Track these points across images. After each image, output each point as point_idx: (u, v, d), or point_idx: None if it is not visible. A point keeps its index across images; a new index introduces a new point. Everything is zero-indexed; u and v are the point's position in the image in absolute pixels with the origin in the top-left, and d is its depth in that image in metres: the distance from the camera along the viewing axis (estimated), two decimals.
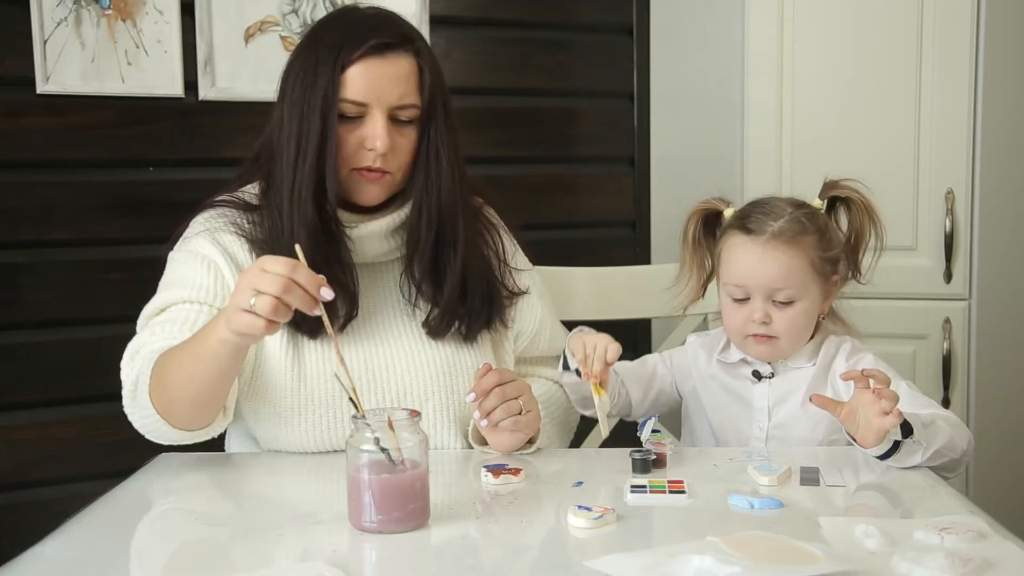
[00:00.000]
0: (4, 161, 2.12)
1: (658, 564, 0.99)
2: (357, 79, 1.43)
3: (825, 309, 1.56)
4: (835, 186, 1.57)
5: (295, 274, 1.20)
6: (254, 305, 1.19)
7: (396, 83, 1.45)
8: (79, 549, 1.14)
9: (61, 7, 2.11)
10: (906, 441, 1.31)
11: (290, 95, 1.46)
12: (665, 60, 2.66)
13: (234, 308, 1.23)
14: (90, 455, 2.18)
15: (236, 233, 1.50)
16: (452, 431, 1.51)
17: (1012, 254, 2.45)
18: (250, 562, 1.12)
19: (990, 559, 1.02)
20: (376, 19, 1.49)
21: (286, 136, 1.45)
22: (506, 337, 1.63)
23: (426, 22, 2.40)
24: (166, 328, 1.44)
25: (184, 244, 1.52)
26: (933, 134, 2.42)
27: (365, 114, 1.45)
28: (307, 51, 1.47)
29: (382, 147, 1.44)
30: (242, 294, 1.21)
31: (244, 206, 1.53)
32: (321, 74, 1.43)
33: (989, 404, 2.44)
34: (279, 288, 1.19)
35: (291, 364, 1.46)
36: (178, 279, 1.49)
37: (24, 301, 2.15)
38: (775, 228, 1.49)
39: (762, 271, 1.50)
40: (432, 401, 1.50)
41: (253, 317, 1.20)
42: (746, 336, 1.53)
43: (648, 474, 1.33)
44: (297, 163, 1.43)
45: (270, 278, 1.19)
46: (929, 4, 2.40)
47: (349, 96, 1.43)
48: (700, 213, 1.60)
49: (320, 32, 1.49)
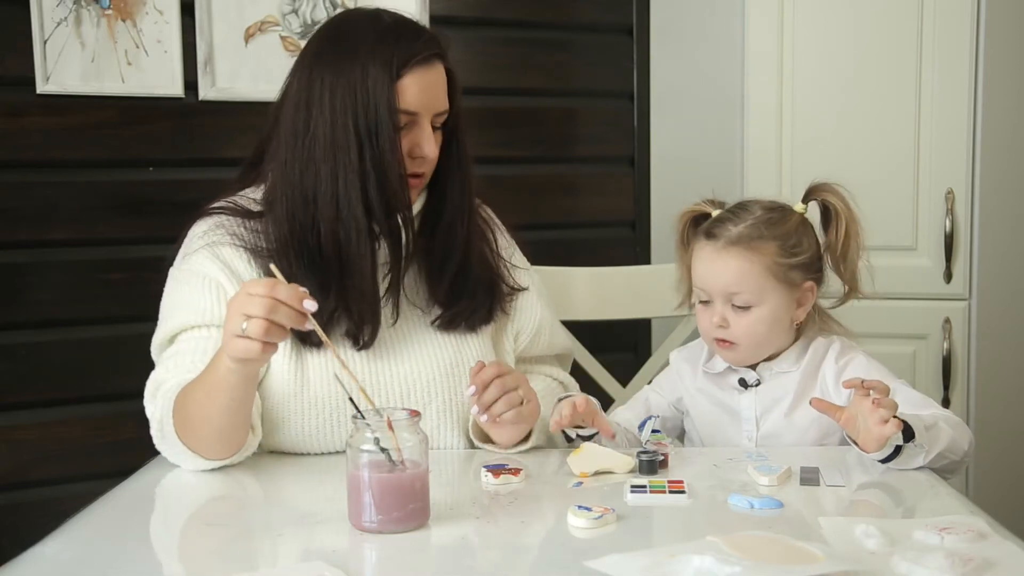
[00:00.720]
0: (4, 161, 2.12)
1: (658, 564, 0.99)
2: (411, 89, 1.43)
3: (800, 316, 1.53)
4: (817, 190, 1.54)
5: (276, 293, 1.21)
6: (246, 330, 1.21)
7: (439, 91, 1.48)
8: (79, 549, 1.14)
9: (61, 7, 2.11)
10: (908, 445, 1.31)
11: (330, 103, 1.42)
12: (665, 60, 2.66)
13: (229, 336, 1.24)
14: (90, 455, 2.18)
15: (236, 245, 1.49)
16: (456, 431, 1.51)
17: (1012, 254, 2.45)
18: (250, 562, 1.13)
19: (990, 559, 1.02)
20: (413, 27, 1.49)
21: (327, 145, 1.42)
22: (506, 335, 1.63)
23: (426, 22, 2.40)
24: (181, 361, 1.43)
25: (184, 262, 1.50)
26: (933, 134, 2.42)
27: (413, 122, 1.45)
28: (343, 58, 1.43)
29: (433, 155, 1.47)
30: (233, 321, 1.22)
31: (243, 213, 1.52)
32: (376, 84, 1.41)
33: (989, 404, 2.44)
34: (265, 310, 1.20)
35: (294, 369, 1.46)
36: (182, 303, 1.47)
37: (24, 301, 2.15)
38: (732, 234, 1.49)
39: (716, 275, 1.50)
40: (435, 402, 1.50)
41: (248, 342, 1.21)
42: (711, 339, 1.54)
43: (655, 475, 1.33)
44: (346, 174, 1.42)
45: (256, 301, 1.20)
46: (929, 4, 2.40)
47: (404, 107, 1.43)
48: (689, 216, 1.60)
49: (353, 38, 1.45)
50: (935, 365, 2.45)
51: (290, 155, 1.46)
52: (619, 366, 2.07)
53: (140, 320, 2.13)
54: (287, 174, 1.46)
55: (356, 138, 1.42)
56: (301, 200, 1.45)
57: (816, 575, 0.97)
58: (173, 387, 1.39)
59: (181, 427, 1.36)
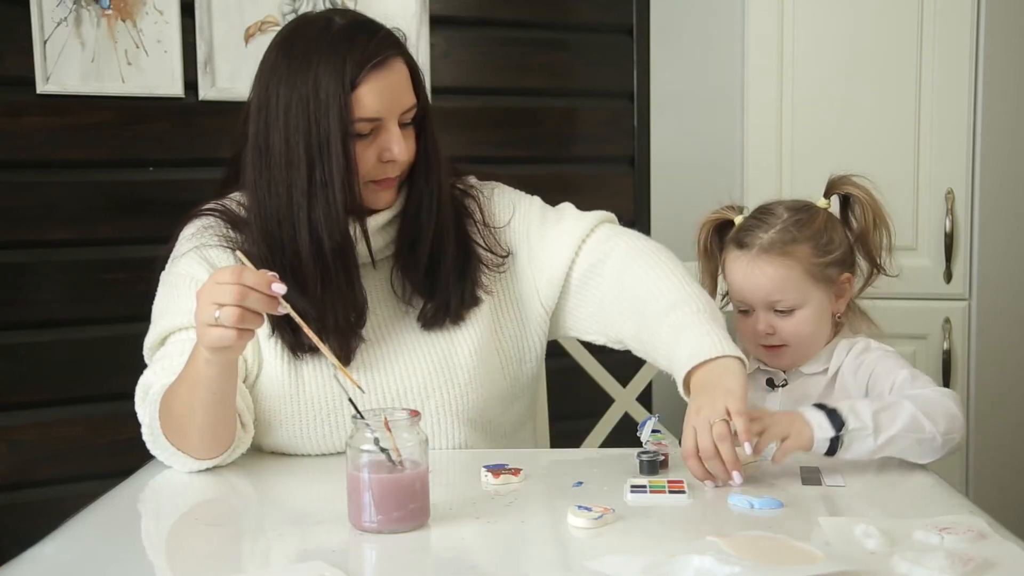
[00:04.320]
0: (4, 161, 2.12)
1: (658, 564, 0.99)
2: (369, 96, 1.38)
3: (840, 308, 1.54)
4: (839, 183, 1.56)
5: (243, 279, 1.19)
6: (219, 318, 1.20)
7: (401, 90, 1.43)
8: (79, 549, 1.15)
9: (61, 7, 2.11)
10: (847, 432, 1.30)
11: (284, 118, 1.38)
12: (665, 60, 2.66)
13: (201, 325, 1.22)
14: (90, 455, 2.18)
15: (224, 247, 1.48)
16: (455, 425, 1.49)
17: (1012, 254, 2.45)
18: (250, 562, 1.13)
19: (990, 559, 1.02)
20: (367, 27, 1.43)
21: (282, 165, 1.39)
22: (529, 304, 1.56)
23: (426, 22, 2.40)
24: (168, 364, 1.42)
25: (173, 265, 1.50)
26: (933, 134, 2.42)
27: (378, 127, 1.41)
28: (294, 68, 1.39)
29: (404, 155, 1.43)
30: (205, 310, 1.21)
31: (232, 218, 1.50)
32: (328, 97, 1.36)
33: (989, 404, 2.45)
34: (235, 296, 1.19)
35: (288, 371, 1.45)
36: (171, 306, 1.46)
37: (24, 301, 2.15)
38: (764, 241, 1.49)
39: (755, 286, 1.50)
40: (432, 399, 1.48)
41: (222, 330, 1.20)
42: (758, 347, 1.54)
43: (655, 475, 1.33)
44: (297, 194, 1.39)
45: (225, 289, 1.19)
46: (929, 4, 2.40)
47: (364, 115, 1.39)
48: (711, 223, 1.59)
49: (304, 47, 1.40)
50: (935, 365, 2.45)
51: (256, 174, 1.43)
52: (619, 366, 2.06)
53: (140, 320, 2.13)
54: (256, 193, 1.43)
55: (307, 156, 1.37)
56: (271, 221, 1.42)
57: (816, 575, 0.97)
58: (159, 390, 1.39)
59: (168, 427, 1.36)
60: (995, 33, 2.37)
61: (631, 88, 2.67)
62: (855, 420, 1.30)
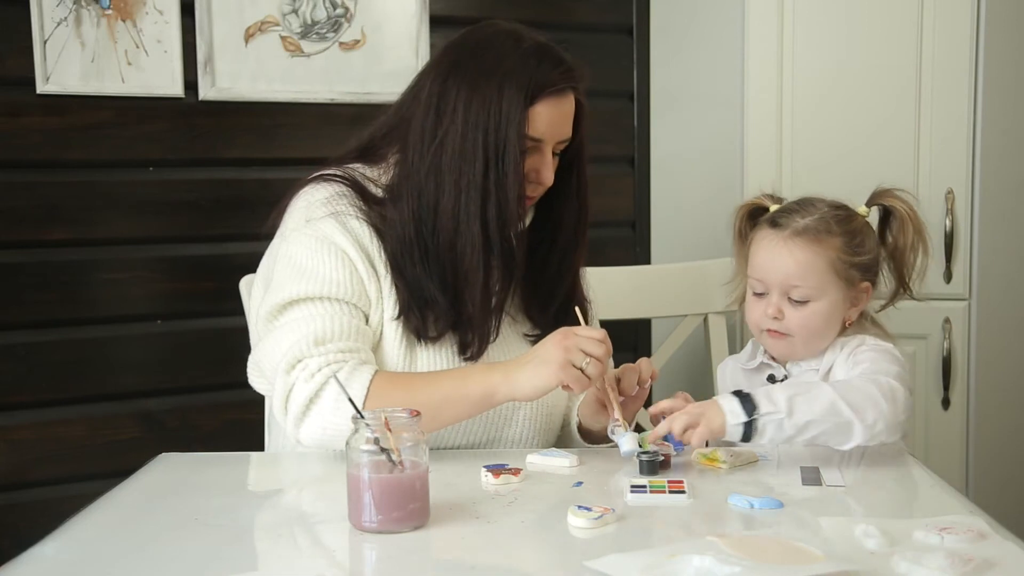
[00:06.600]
0: (4, 161, 2.12)
1: (658, 564, 0.99)
2: (541, 116, 1.44)
3: (852, 316, 1.54)
4: (883, 195, 1.56)
5: (608, 348, 1.37)
6: (587, 366, 1.35)
7: (566, 122, 1.49)
8: (79, 549, 1.15)
9: (61, 7, 2.11)
10: (760, 417, 1.31)
11: (464, 114, 1.43)
12: (665, 60, 2.66)
13: (563, 364, 1.34)
14: (90, 455, 2.18)
15: (361, 219, 1.47)
16: (543, 437, 1.57)
17: (1012, 254, 2.45)
18: (250, 562, 1.13)
19: (990, 559, 1.02)
20: (554, 54, 1.47)
21: (454, 157, 1.43)
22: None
23: (426, 22, 2.40)
24: (306, 330, 1.40)
25: (310, 227, 1.47)
26: (933, 134, 2.42)
27: (536, 148, 1.46)
28: (481, 73, 1.44)
29: (550, 181, 1.49)
30: (573, 354, 1.35)
31: (360, 189, 1.50)
32: (511, 107, 1.41)
33: (989, 404, 2.44)
34: (605, 354, 1.36)
35: (403, 354, 1.47)
36: (314, 271, 1.44)
37: (24, 301, 2.15)
38: (799, 225, 1.50)
39: (779, 265, 1.50)
40: (523, 408, 1.53)
41: (579, 375, 1.35)
42: (762, 331, 1.54)
43: (655, 475, 1.33)
44: (469, 189, 1.42)
45: (599, 345, 1.36)
46: (929, 4, 2.40)
47: (531, 133, 1.44)
48: (747, 208, 1.61)
49: (494, 55, 1.45)
50: (935, 365, 2.45)
51: (417, 157, 1.46)
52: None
53: (140, 320, 2.14)
54: (412, 175, 1.46)
55: (483, 155, 1.42)
56: (425, 206, 1.45)
57: (816, 575, 0.97)
58: (356, 365, 1.39)
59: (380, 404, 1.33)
60: (995, 33, 2.37)
61: (631, 88, 2.67)
62: (768, 404, 1.32)
